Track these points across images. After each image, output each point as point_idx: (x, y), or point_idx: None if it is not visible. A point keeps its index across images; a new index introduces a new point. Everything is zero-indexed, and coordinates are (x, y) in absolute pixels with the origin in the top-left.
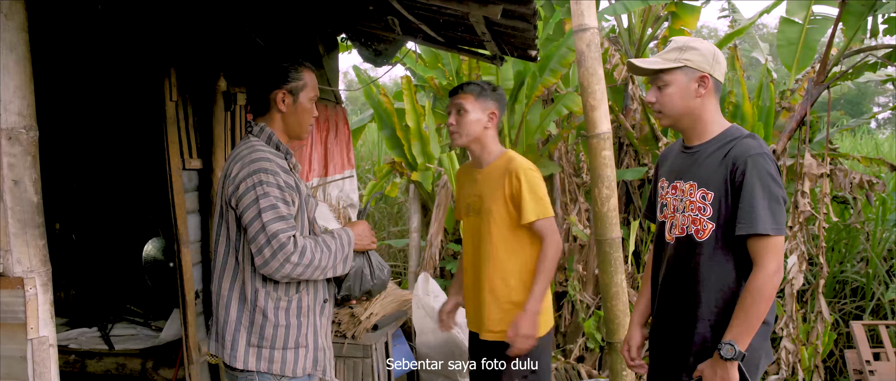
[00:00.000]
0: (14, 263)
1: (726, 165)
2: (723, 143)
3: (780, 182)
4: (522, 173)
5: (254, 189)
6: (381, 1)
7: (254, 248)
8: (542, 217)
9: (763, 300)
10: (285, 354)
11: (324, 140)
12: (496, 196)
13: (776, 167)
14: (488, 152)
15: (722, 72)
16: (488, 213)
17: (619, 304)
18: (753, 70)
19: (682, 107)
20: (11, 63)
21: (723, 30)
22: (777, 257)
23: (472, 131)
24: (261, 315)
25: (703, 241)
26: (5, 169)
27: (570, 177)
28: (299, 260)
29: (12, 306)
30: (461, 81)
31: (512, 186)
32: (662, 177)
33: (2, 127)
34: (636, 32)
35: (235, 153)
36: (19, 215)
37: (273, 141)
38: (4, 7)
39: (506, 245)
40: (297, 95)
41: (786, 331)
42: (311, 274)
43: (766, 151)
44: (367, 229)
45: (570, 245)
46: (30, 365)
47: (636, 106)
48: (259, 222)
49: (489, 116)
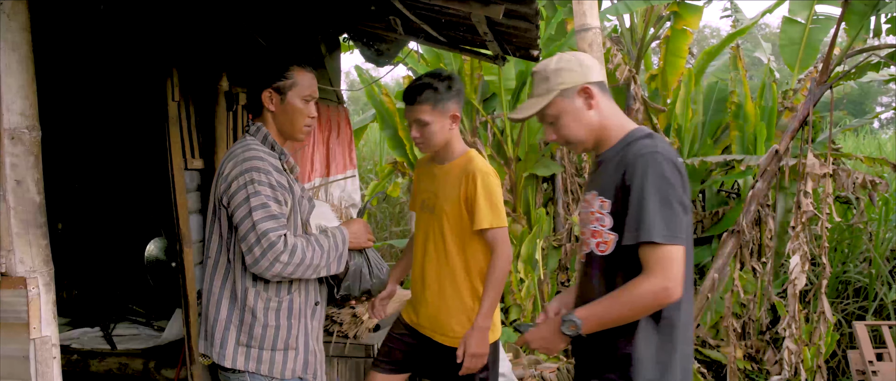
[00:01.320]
0: (17, 262)
1: (620, 169)
2: (623, 145)
3: (678, 184)
4: (480, 177)
5: (245, 188)
6: (383, 1)
7: (244, 246)
8: (494, 227)
9: (636, 308)
10: (274, 355)
11: (326, 140)
12: (451, 196)
13: (673, 168)
14: (451, 150)
15: (596, 71)
16: (442, 212)
17: None
18: (756, 70)
19: (583, 129)
20: (14, 63)
21: (725, 29)
22: (667, 270)
23: (438, 140)
24: (250, 315)
25: (606, 255)
26: (8, 169)
27: (572, 177)
28: (289, 259)
29: (15, 306)
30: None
31: (467, 189)
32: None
33: (4, 127)
34: (638, 32)
35: (230, 152)
36: (22, 215)
37: (268, 141)
38: (7, 7)
39: (457, 247)
40: (286, 93)
41: (788, 331)
42: (303, 273)
43: (660, 150)
44: (362, 226)
45: (572, 245)
46: (32, 365)
47: (638, 106)
48: (249, 221)
49: (451, 119)
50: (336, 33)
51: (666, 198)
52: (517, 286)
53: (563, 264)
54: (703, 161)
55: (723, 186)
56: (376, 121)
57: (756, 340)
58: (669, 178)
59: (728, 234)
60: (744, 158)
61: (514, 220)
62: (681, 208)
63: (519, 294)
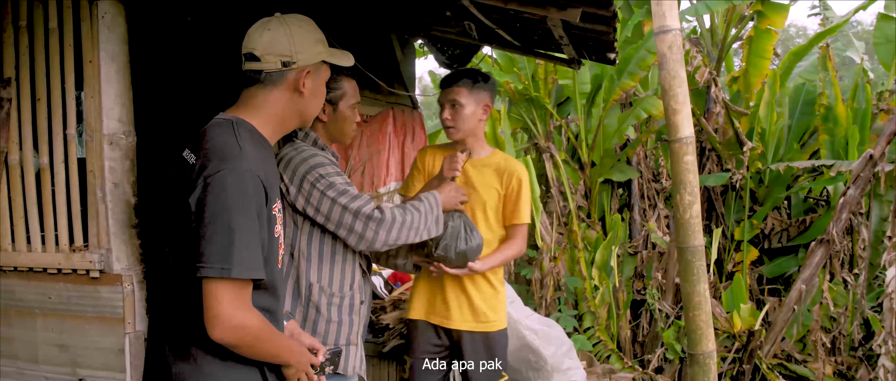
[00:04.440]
0: (114, 260)
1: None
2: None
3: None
4: (524, 176)
5: (316, 185)
6: (458, 6)
7: (344, 231)
8: (527, 223)
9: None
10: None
11: (401, 145)
12: (491, 190)
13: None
14: (481, 145)
15: (310, 52)
16: (481, 204)
17: (702, 314)
18: (847, 70)
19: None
20: (113, 73)
21: (812, 28)
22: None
23: (468, 125)
24: (314, 310)
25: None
26: (107, 172)
27: (649, 182)
28: (393, 224)
29: (112, 302)
30: (535, 85)
31: (510, 186)
32: None
33: (104, 132)
34: (719, 33)
35: (281, 157)
36: (118, 216)
37: (318, 143)
38: (108, 20)
39: (488, 235)
40: (337, 104)
41: (885, 348)
42: (407, 235)
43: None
44: (454, 188)
45: (649, 252)
46: (127, 358)
47: (719, 109)
48: (339, 207)
49: (483, 108)
50: (411, 39)
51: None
52: (592, 293)
53: (639, 272)
54: (788, 167)
55: (810, 193)
56: None
57: (847, 356)
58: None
59: (816, 243)
60: (834, 163)
61: (588, 226)
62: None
63: (593, 302)
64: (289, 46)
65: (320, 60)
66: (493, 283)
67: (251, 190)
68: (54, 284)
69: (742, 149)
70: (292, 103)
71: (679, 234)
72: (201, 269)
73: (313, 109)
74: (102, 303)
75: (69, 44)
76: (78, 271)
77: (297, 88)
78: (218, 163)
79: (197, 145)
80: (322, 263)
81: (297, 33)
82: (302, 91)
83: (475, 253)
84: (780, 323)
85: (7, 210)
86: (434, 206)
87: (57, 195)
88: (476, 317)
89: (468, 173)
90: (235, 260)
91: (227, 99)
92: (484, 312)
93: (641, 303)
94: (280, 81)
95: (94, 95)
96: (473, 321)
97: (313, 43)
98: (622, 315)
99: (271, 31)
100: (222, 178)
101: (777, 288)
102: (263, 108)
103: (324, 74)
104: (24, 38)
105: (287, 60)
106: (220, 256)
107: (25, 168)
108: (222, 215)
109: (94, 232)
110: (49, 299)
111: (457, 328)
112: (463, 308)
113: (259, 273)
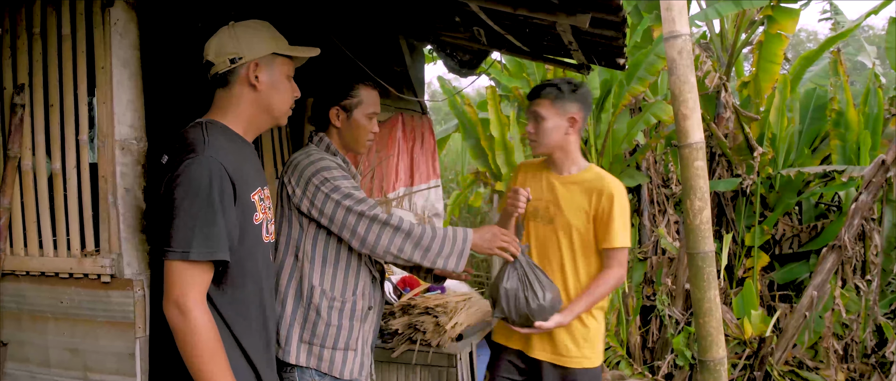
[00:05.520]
0: (125, 265)
1: None
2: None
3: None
4: (616, 194)
5: (321, 187)
6: (467, 12)
7: (347, 233)
8: (624, 246)
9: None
10: (335, 354)
11: (410, 150)
12: (579, 211)
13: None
14: (572, 161)
15: (256, 49)
16: (566, 226)
17: (713, 320)
18: (858, 75)
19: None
20: (125, 79)
21: (823, 33)
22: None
23: (551, 140)
24: (315, 313)
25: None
26: (118, 177)
27: (659, 188)
28: (396, 231)
29: (123, 307)
30: None
31: (600, 206)
32: None
33: (115, 138)
34: (729, 38)
35: (291, 160)
36: (130, 221)
37: (331, 150)
38: (119, 26)
39: (574, 262)
40: (352, 111)
41: None
42: (413, 252)
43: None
44: (493, 230)
45: (658, 258)
46: (137, 363)
47: (729, 114)
48: (342, 209)
49: (569, 121)
50: (420, 45)
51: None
52: None
53: (649, 277)
54: (799, 172)
55: (822, 199)
56: (458, 131)
57: (860, 363)
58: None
59: (828, 249)
60: (845, 168)
61: None
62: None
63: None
64: (234, 46)
65: (270, 53)
66: (581, 316)
67: (214, 176)
68: (66, 288)
69: (752, 154)
70: (251, 98)
71: (689, 239)
72: (166, 252)
73: (278, 102)
74: (113, 308)
75: (82, 50)
76: (89, 275)
77: (250, 82)
78: (183, 155)
79: (171, 147)
80: (326, 266)
81: (242, 33)
82: (255, 84)
83: (545, 312)
84: (792, 330)
85: (20, 215)
86: (459, 239)
87: (69, 200)
88: (555, 348)
89: (556, 191)
90: (195, 243)
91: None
92: (565, 344)
93: (651, 309)
94: (234, 80)
95: (107, 101)
96: (552, 352)
97: (260, 39)
98: (632, 321)
99: (219, 36)
100: (186, 167)
101: (788, 294)
102: (228, 108)
103: (280, 67)
104: (38, 44)
105: (234, 57)
106: (182, 240)
107: (38, 173)
108: (184, 200)
109: (105, 237)
110: (60, 303)
111: (536, 357)
112: (543, 336)
113: (219, 255)
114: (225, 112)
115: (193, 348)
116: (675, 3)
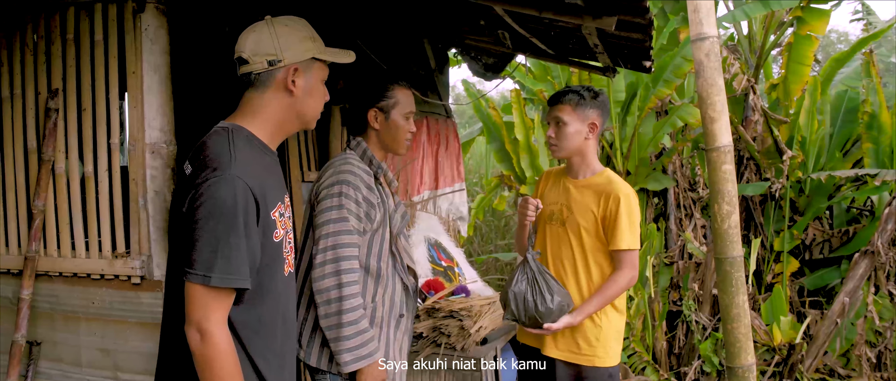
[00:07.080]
0: (154, 267)
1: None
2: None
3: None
4: (623, 198)
5: (333, 197)
6: (492, 16)
7: (316, 250)
8: (631, 249)
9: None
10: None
11: (435, 153)
12: (587, 212)
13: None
14: (587, 165)
15: (296, 51)
16: (575, 227)
17: (741, 326)
18: (891, 77)
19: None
20: (155, 84)
21: (854, 34)
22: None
23: (571, 144)
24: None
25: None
26: (148, 180)
27: (685, 192)
28: (346, 286)
29: (153, 307)
30: None
31: (607, 208)
32: None
33: (146, 142)
34: (757, 40)
35: (330, 163)
36: (159, 223)
37: (367, 156)
38: (151, 32)
39: (586, 262)
40: (389, 112)
41: None
42: (332, 318)
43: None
44: (377, 374)
45: (685, 263)
46: None
47: (758, 117)
48: (329, 228)
49: (589, 127)
50: (445, 48)
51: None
52: (626, 304)
53: (676, 282)
54: (830, 176)
55: (853, 203)
56: (483, 134)
57: (893, 372)
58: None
59: (860, 254)
60: (878, 172)
61: None
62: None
63: (628, 313)
64: (273, 46)
65: (309, 58)
66: (593, 316)
67: (239, 197)
68: (97, 289)
69: (782, 158)
70: (286, 104)
71: (717, 244)
72: (187, 273)
73: (310, 109)
74: (143, 309)
75: (113, 55)
76: (120, 277)
77: (286, 87)
78: (208, 172)
79: (195, 156)
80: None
81: (282, 33)
82: (292, 90)
83: (552, 314)
84: (823, 337)
85: (53, 217)
86: (362, 352)
87: (100, 203)
88: (567, 347)
89: (569, 194)
90: (216, 268)
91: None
92: (577, 343)
93: (677, 314)
94: (270, 82)
95: (137, 106)
96: (564, 349)
97: (300, 40)
98: (658, 326)
99: (257, 32)
100: (210, 186)
101: (819, 300)
102: (259, 112)
103: (317, 72)
104: (71, 50)
105: (273, 59)
106: (204, 263)
107: (71, 176)
108: (208, 222)
109: (135, 239)
110: (92, 304)
111: (549, 355)
112: (556, 335)
113: (240, 282)
114: (254, 116)
115: (212, 373)
116: (703, 4)
